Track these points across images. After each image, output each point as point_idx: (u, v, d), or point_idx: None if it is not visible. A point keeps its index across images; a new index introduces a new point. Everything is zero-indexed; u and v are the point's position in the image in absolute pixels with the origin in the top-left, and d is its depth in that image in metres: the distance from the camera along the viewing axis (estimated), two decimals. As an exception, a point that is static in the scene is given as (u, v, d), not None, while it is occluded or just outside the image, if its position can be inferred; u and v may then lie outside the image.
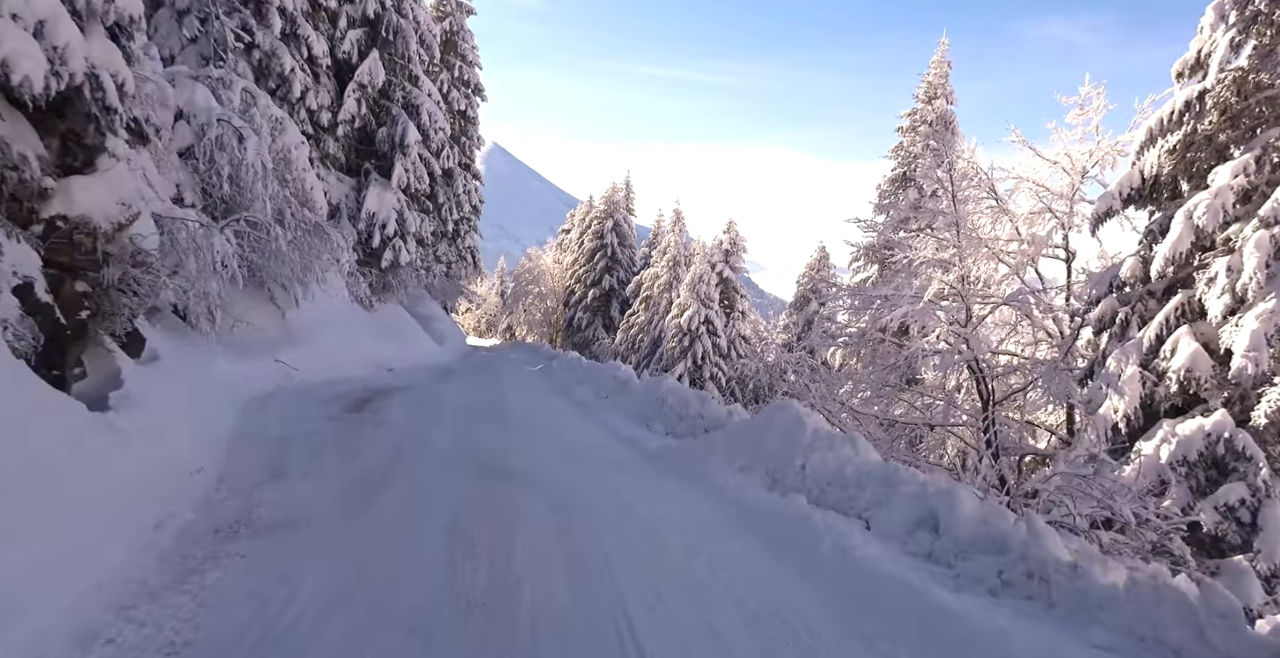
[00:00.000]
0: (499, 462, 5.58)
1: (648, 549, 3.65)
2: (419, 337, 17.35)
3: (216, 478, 4.29)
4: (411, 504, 4.15)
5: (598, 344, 36.37)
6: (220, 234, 7.13)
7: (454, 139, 19.84)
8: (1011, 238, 6.88)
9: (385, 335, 14.49)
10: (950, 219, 7.10)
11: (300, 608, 2.69)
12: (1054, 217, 6.76)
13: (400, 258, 13.98)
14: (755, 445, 5.22)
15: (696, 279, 25.68)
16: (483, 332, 53.14)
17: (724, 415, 7.18)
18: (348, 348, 12.06)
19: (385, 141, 13.87)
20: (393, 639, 2.54)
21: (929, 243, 7.39)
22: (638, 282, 34.09)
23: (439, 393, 10.04)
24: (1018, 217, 6.90)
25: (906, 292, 6.97)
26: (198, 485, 4.04)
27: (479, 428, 7.17)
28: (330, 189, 13.30)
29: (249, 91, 8.99)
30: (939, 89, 14.18)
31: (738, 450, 5.31)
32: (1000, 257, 6.96)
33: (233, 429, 5.92)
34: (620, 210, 37.46)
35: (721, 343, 25.87)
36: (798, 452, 4.78)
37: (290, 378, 9.44)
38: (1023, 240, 6.82)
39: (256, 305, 10.41)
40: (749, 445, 5.27)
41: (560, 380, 13.73)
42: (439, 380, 12.43)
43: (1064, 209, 6.78)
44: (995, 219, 7.25)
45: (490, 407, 8.86)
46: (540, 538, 3.67)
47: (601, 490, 4.76)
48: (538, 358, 26.83)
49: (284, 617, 2.61)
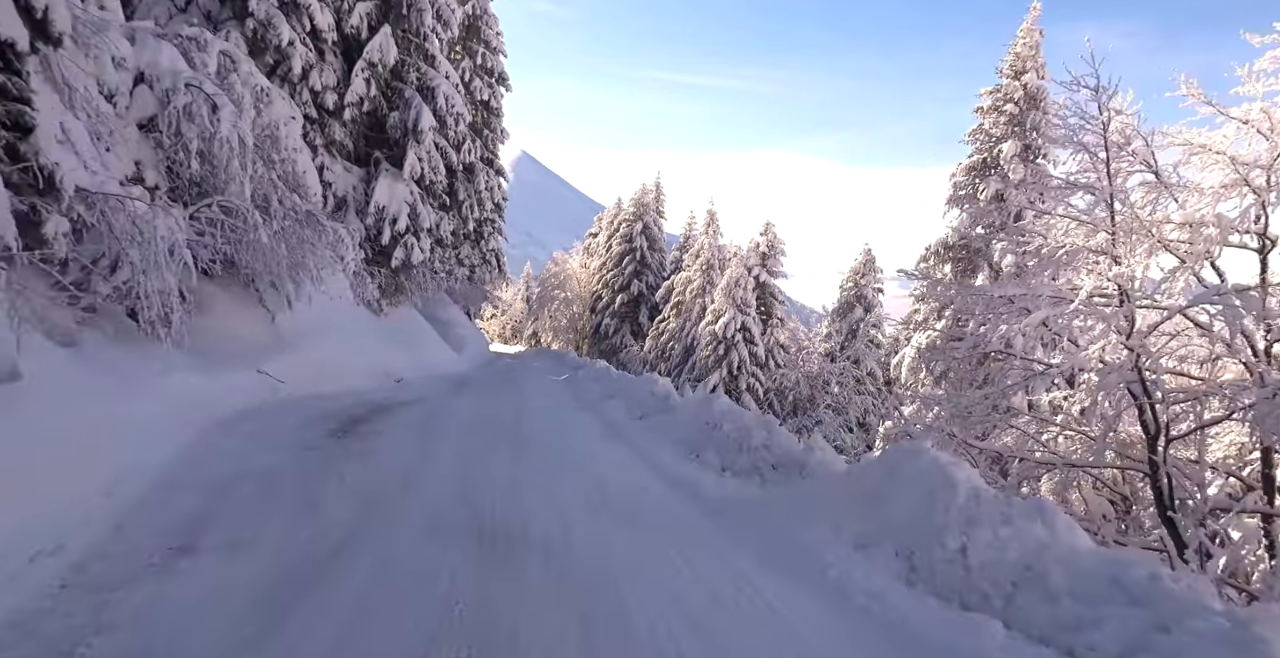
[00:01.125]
0: (507, 519, 4.05)
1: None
2: (435, 344, 16.00)
3: (72, 564, 2.82)
4: (360, 617, 2.62)
5: (625, 352, 34.85)
6: (168, 216, 5.74)
7: (475, 131, 18.54)
8: (1186, 221, 5.16)
9: (396, 342, 13.14)
10: (1102, 196, 5.42)
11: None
12: (1251, 192, 5.03)
13: (412, 256, 12.62)
14: (872, 506, 3.61)
15: (733, 283, 24.05)
16: (508, 338, 52.05)
17: (801, 452, 5.56)
18: (351, 356, 10.69)
19: (397, 127, 12.56)
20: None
21: (1065, 226, 5.69)
22: (668, 287, 32.57)
23: (448, 410, 8.58)
24: (1196, 192, 5.19)
25: (1043, 291, 5.28)
26: (25, 584, 2.57)
27: (488, 461, 5.65)
28: (336, 180, 12.01)
29: (228, 55, 7.66)
30: (1028, 61, 12.32)
31: (846, 512, 3.70)
32: (1167, 246, 5.24)
33: (161, 469, 4.48)
34: (650, 213, 36.00)
35: (759, 351, 24.18)
36: (949, 525, 3.17)
37: (276, 392, 8.07)
38: (1200, 224, 5.10)
39: (241, 307, 9.09)
40: (862, 506, 3.66)
41: (588, 394, 12.20)
42: (452, 393, 10.99)
43: (1261, 182, 5.06)
44: (1153, 199, 5.54)
45: (505, 429, 7.36)
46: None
47: (655, 582, 3.19)
48: (563, 367, 25.38)
49: None
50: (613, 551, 3.63)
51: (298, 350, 9.21)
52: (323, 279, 9.29)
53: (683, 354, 27.75)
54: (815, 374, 24.31)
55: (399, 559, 3.26)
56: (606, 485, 5.12)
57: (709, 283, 27.93)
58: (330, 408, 7.78)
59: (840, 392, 23.87)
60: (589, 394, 12.12)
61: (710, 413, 7.18)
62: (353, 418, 7.25)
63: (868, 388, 24.06)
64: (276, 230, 8.02)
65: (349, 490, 4.41)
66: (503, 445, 6.36)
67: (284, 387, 8.21)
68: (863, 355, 24.14)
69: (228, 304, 8.85)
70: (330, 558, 3.22)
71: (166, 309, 6.17)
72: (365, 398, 9.05)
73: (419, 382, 12.05)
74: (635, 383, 11.06)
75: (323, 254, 9.11)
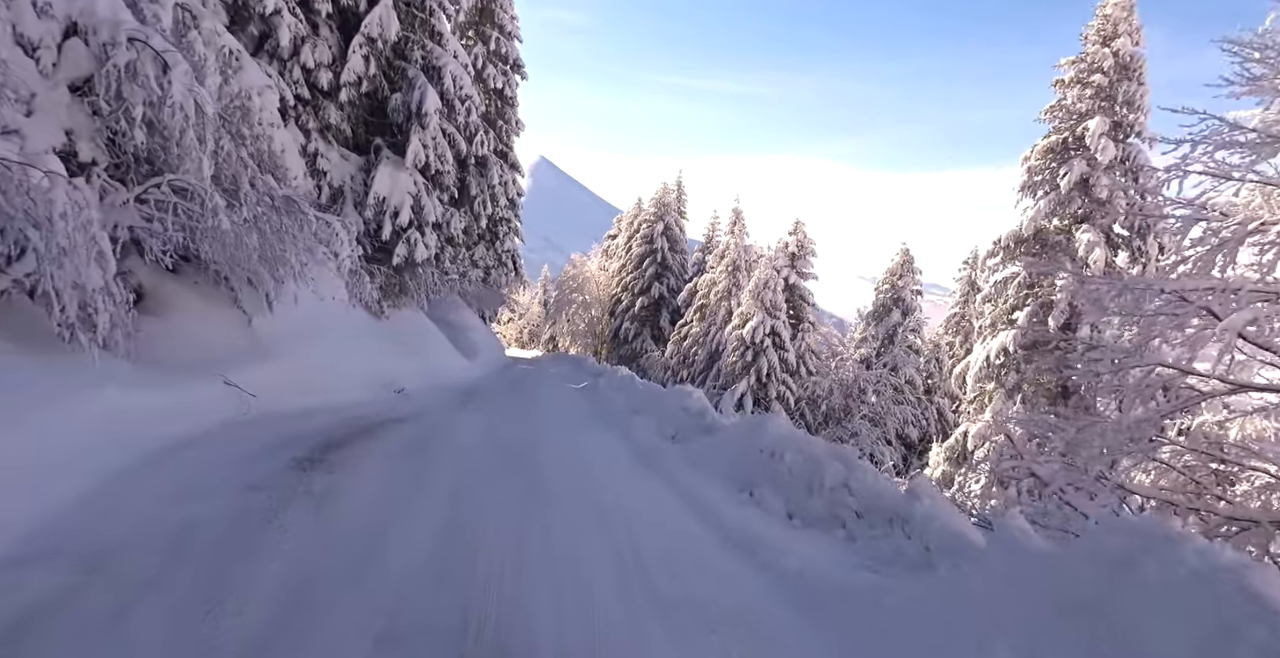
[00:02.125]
0: (505, 624, 2.71)
1: None
2: (444, 349, 14.77)
3: None
4: None
5: (646, 357, 33.50)
6: (75, 191, 4.49)
7: (489, 122, 17.35)
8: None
9: (398, 348, 11.91)
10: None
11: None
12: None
13: (416, 253, 11.40)
14: (1094, 633, 2.20)
15: (761, 285, 22.61)
16: (525, 343, 50.96)
17: (900, 500, 4.17)
18: (343, 364, 9.46)
19: (399, 110, 11.36)
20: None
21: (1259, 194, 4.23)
22: (690, 289, 31.20)
23: (446, 431, 7.30)
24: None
25: (1243, 284, 3.82)
26: None
27: (486, 511, 4.34)
28: (331, 168, 10.82)
29: (187, 9, 6.46)
30: (1120, 25, 10.69)
31: (1040, 634, 2.29)
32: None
33: (22, 532, 3.20)
34: (672, 213, 34.68)
35: (789, 357, 22.69)
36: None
37: (244, 408, 6.83)
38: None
39: (212, 309, 7.88)
40: (1072, 629, 2.25)
41: (610, 406, 10.86)
42: (456, 407, 9.71)
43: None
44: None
45: (514, 459, 6.05)
46: None
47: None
48: (581, 373, 24.02)
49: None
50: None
51: (279, 358, 7.98)
52: (308, 276, 8.07)
53: (707, 360, 26.33)
54: (850, 382, 22.77)
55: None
56: (643, 550, 3.76)
57: (735, 285, 26.51)
58: (305, 428, 6.53)
59: (878, 401, 22.31)
60: (612, 407, 10.77)
61: (763, 438, 5.78)
62: (329, 442, 5.98)
63: (907, 397, 22.48)
64: (246, 218, 6.81)
65: (280, 568, 3.09)
66: (508, 485, 5.03)
67: (255, 401, 6.97)
68: (901, 362, 22.55)
69: (196, 305, 7.65)
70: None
71: (89, 309, 4.93)
72: (352, 414, 7.79)
73: (422, 392, 10.80)
74: (664, 396, 9.69)
75: (307, 246, 7.90)
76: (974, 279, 25.39)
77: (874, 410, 21.84)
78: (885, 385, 22.13)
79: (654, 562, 3.60)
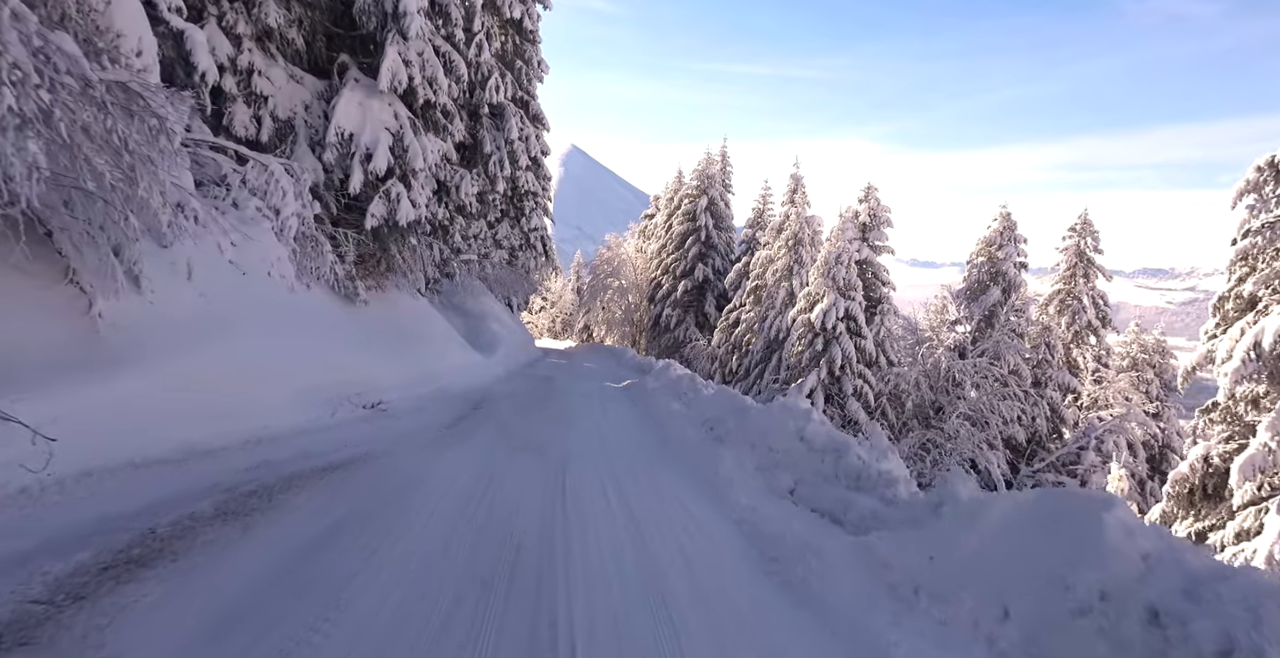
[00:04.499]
0: None
1: None
2: (451, 344, 11.67)
3: None
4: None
5: (690, 347, 30.13)
6: None
7: (504, 63, 14.09)
8: None
9: (383, 344, 8.83)
10: None
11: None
12: None
13: (399, 212, 8.25)
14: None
15: (833, 260, 18.98)
16: (557, 332, 48.06)
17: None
18: (280, 370, 6.37)
19: (369, 13, 8.16)
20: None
21: None
22: (739, 270, 27.70)
23: (412, 490, 4.13)
24: None
25: None
26: None
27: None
28: (275, 92, 7.70)
29: None
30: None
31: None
32: None
33: None
34: (717, 186, 31.05)
35: (867, 345, 19.08)
36: None
37: (44, 459, 3.77)
38: None
39: (34, 288, 4.81)
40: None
41: (673, 425, 7.58)
42: (447, 431, 6.58)
43: None
44: None
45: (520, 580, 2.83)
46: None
47: None
48: (622, 368, 20.80)
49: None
50: None
51: (143, 365, 4.90)
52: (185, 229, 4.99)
53: (764, 350, 22.84)
54: (941, 373, 19.07)
55: None
56: None
57: (797, 262, 22.88)
58: (140, 501, 3.47)
59: (979, 396, 18.57)
60: (675, 425, 7.49)
61: (1048, 540, 2.43)
62: (146, 539, 2.90)
63: (1014, 391, 18.69)
64: (33, 112, 3.67)
65: None
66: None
67: (80, 445, 3.93)
68: (1004, 349, 18.73)
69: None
70: None
71: None
72: (264, 456, 4.71)
73: (407, 405, 7.70)
74: (753, 414, 6.34)
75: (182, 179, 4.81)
76: (1082, 249, 21.35)
77: (974, 407, 18.13)
78: (987, 377, 18.38)
79: None
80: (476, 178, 13.82)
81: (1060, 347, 19.90)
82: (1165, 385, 22.50)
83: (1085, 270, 21.20)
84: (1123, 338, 23.06)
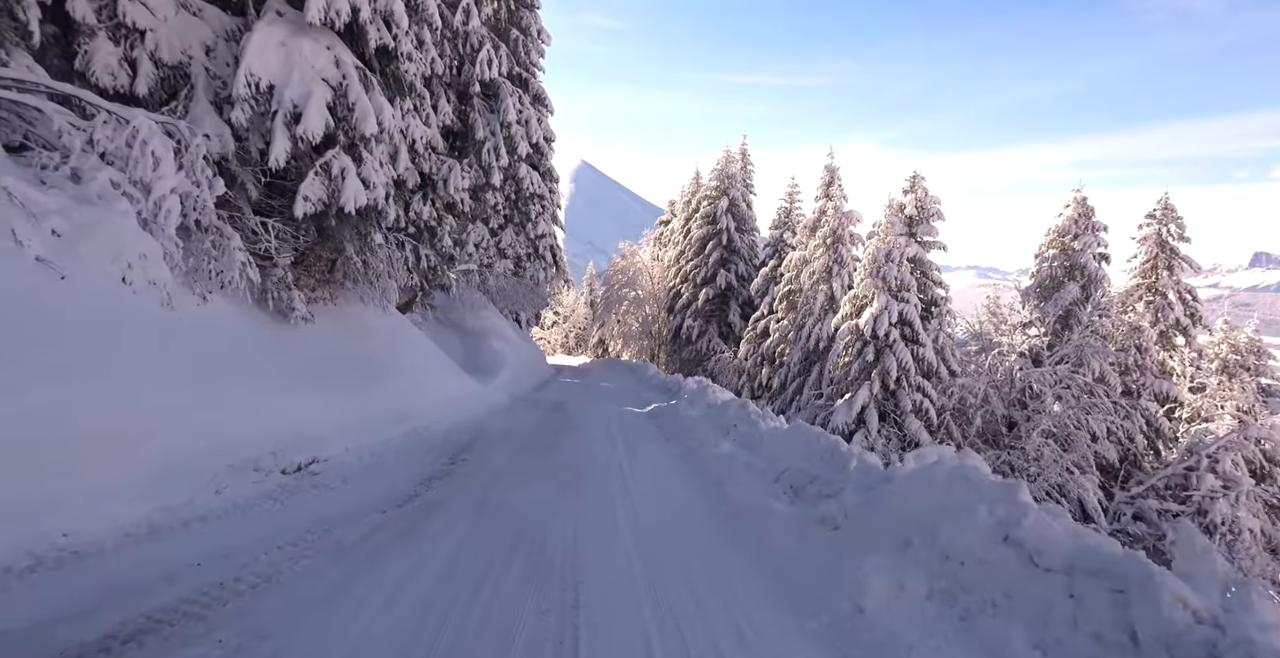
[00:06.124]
0: None
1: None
2: (436, 370, 9.35)
3: None
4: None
5: (715, 360, 27.64)
6: None
7: (497, 32, 11.92)
8: None
9: (328, 376, 6.52)
10: None
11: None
12: None
13: (344, 195, 5.99)
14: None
15: (882, 258, 16.52)
16: (571, 348, 45.76)
17: None
18: (131, 427, 4.07)
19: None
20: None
21: None
22: (766, 275, 25.28)
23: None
24: None
25: None
26: None
27: None
28: (158, 28, 5.51)
29: None
30: None
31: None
32: None
33: None
34: (738, 186, 28.73)
35: (926, 354, 16.52)
36: None
37: None
38: None
39: None
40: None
41: (728, 477, 5.17)
42: (390, 516, 4.21)
43: None
44: None
45: None
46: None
47: None
48: (643, 387, 18.35)
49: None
50: None
51: None
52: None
53: (802, 362, 20.34)
54: (1012, 384, 16.48)
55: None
56: None
57: (836, 262, 20.41)
58: None
59: (1063, 410, 15.91)
60: (736, 486, 5.06)
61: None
62: None
63: (1102, 403, 16.01)
64: None
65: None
66: None
67: None
68: (1088, 354, 16.10)
69: None
70: None
71: None
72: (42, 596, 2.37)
73: (351, 465, 5.37)
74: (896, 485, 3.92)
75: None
76: (1164, 238, 18.72)
77: (1057, 423, 15.48)
78: (1070, 388, 15.76)
79: None
80: (468, 169, 11.61)
81: (1153, 350, 17.22)
82: (1263, 390, 19.72)
83: (1169, 262, 18.54)
84: (1211, 338, 20.38)
